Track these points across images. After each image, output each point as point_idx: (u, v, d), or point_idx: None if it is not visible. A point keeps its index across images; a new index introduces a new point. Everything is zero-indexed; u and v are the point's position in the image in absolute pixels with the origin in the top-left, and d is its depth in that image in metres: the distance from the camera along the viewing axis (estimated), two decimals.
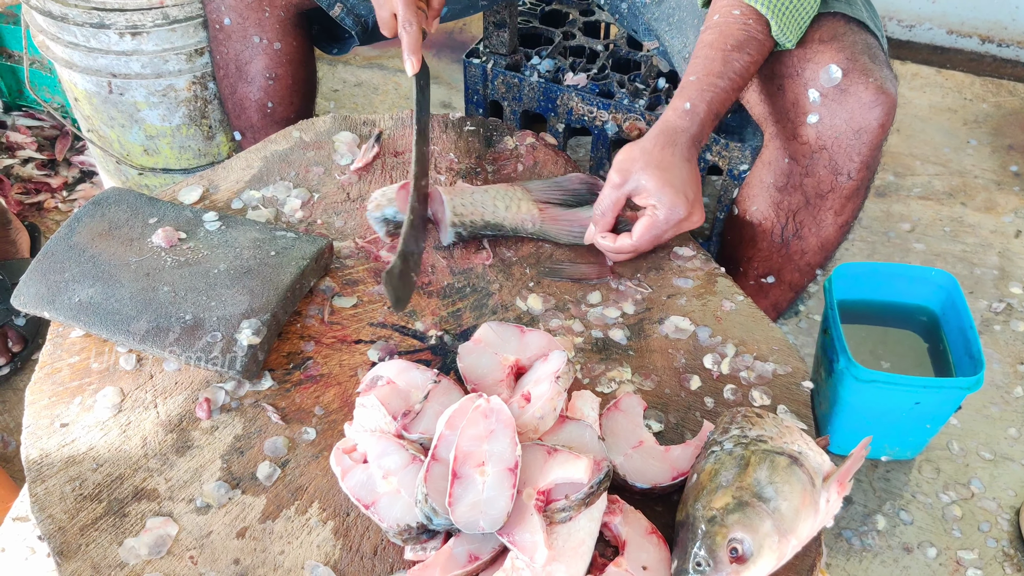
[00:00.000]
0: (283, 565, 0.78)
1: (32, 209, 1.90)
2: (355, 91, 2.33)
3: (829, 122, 1.08)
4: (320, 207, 1.13)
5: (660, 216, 1.01)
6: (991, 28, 2.41)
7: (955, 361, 1.42)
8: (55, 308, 0.94)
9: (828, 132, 1.08)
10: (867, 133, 1.07)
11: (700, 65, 1.05)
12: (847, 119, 1.06)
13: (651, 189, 1.00)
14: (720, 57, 1.04)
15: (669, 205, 1.00)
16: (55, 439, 0.86)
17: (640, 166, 1.00)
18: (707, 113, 1.03)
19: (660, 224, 1.01)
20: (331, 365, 0.95)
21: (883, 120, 1.06)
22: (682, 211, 1.00)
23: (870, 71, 1.06)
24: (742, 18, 1.05)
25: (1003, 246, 1.90)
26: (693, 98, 1.03)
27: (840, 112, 1.07)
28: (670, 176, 1.00)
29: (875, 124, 1.06)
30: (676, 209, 1.00)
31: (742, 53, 1.04)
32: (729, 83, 1.04)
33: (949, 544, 1.38)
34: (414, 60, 1.08)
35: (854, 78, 1.05)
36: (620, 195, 1.02)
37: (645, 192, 1.01)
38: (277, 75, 1.36)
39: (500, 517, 0.71)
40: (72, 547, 0.78)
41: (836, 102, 1.06)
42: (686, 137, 1.02)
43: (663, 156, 1.01)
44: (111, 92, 1.52)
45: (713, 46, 1.05)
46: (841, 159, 1.09)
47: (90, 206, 1.05)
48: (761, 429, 0.78)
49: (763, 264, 1.26)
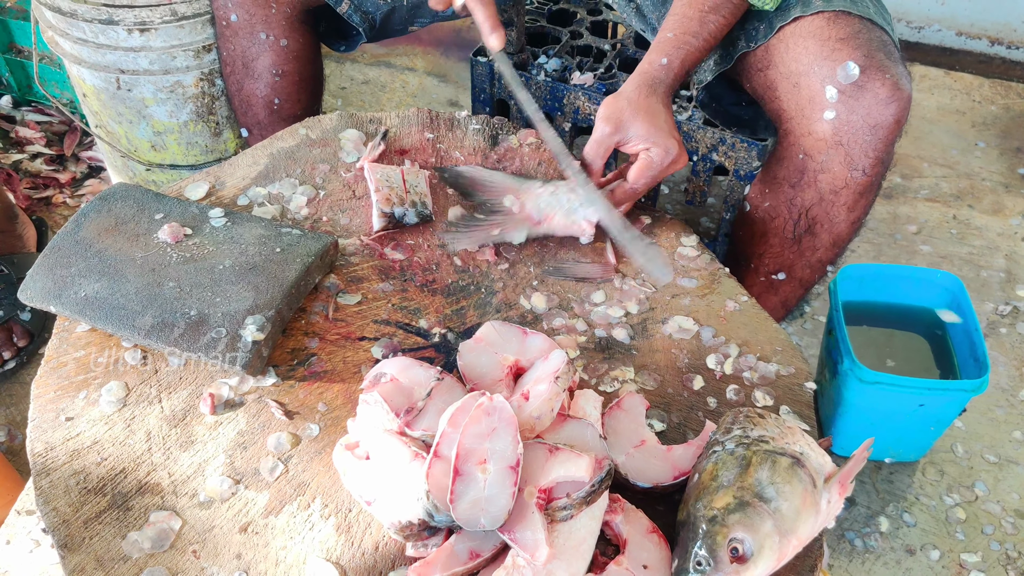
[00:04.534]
0: (285, 560, 0.78)
1: (40, 204, 1.90)
2: (362, 89, 2.33)
3: (846, 118, 1.08)
4: (326, 204, 1.13)
5: (655, 157, 1.05)
6: (1000, 30, 2.41)
7: (960, 364, 1.42)
8: (61, 302, 0.95)
9: (845, 128, 1.09)
10: (883, 129, 1.08)
11: (677, 23, 1.11)
12: (864, 115, 1.07)
13: (643, 134, 1.05)
14: (697, 17, 1.11)
15: (664, 146, 1.05)
16: (60, 433, 0.87)
17: (629, 114, 1.06)
18: (680, 69, 1.11)
19: (656, 164, 1.06)
20: (335, 362, 0.95)
21: (899, 116, 1.08)
22: (675, 151, 1.06)
23: (887, 68, 1.07)
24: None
25: (1010, 249, 1.89)
26: (670, 54, 1.10)
27: (857, 108, 1.07)
28: (659, 120, 1.06)
29: (891, 120, 1.07)
30: (669, 150, 1.05)
31: (717, 15, 1.11)
32: (703, 43, 1.11)
33: (952, 547, 1.38)
34: (500, 33, 1.11)
35: (871, 75, 1.06)
36: (611, 142, 1.07)
37: (636, 138, 1.06)
38: (284, 72, 1.36)
39: (501, 515, 0.72)
40: (76, 540, 0.79)
41: (853, 98, 1.07)
42: (663, 88, 1.09)
43: (648, 103, 1.07)
44: (119, 88, 1.53)
45: (691, 5, 1.12)
46: (856, 155, 1.10)
47: (97, 201, 1.05)
48: (763, 429, 0.78)
49: (774, 260, 1.26)
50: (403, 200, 1.09)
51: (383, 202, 1.08)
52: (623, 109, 1.06)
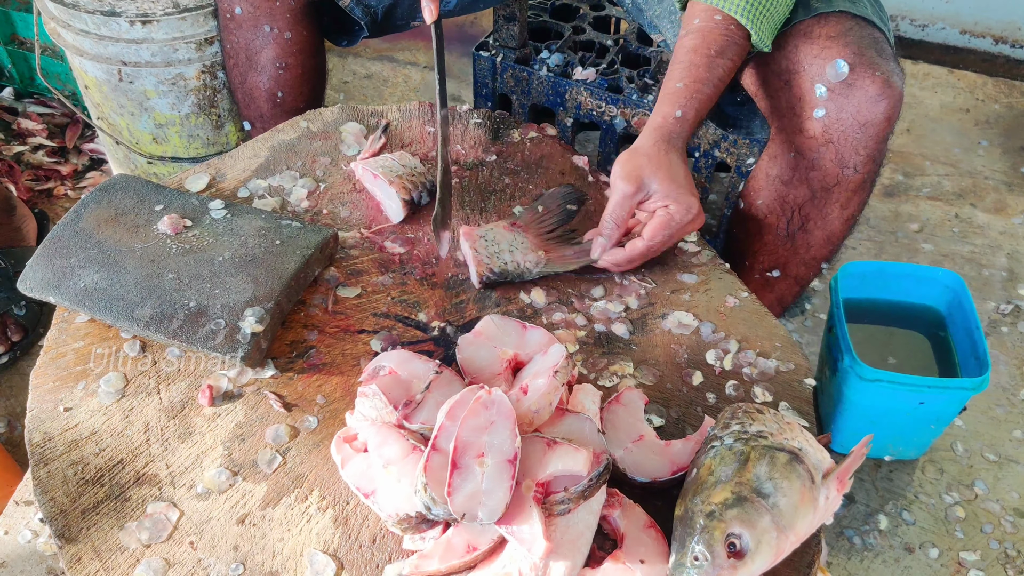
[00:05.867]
0: (282, 552, 0.78)
1: (42, 196, 1.90)
2: (365, 83, 2.33)
3: (836, 116, 1.08)
4: (326, 197, 1.13)
5: (675, 214, 1.00)
6: (1005, 28, 2.40)
7: (961, 362, 1.42)
8: (60, 293, 0.95)
9: (835, 126, 1.09)
10: (873, 127, 1.08)
11: (685, 71, 1.06)
12: (853, 113, 1.07)
13: (663, 191, 1.00)
14: (704, 63, 1.06)
15: (685, 204, 1.00)
16: (58, 423, 0.87)
17: (649, 171, 1.01)
18: (694, 119, 1.06)
19: (675, 222, 1.01)
20: (334, 354, 0.95)
21: (889, 113, 1.07)
22: (695, 209, 1.01)
23: (877, 65, 1.06)
24: (723, 23, 1.07)
25: (1012, 248, 1.89)
26: (683, 105, 1.05)
27: (847, 106, 1.07)
28: (679, 178, 1.01)
29: (881, 117, 1.07)
30: (690, 208, 1.01)
31: (724, 59, 1.06)
32: (713, 89, 1.06)
33: (951, 545, 1.37)
34: (432, 7, 1.08)
35: (861, 72, 1.06)
36: (634, 203, 1.02)
37: (657, 195, 1.01)
38: (287, 64, 1.36)
39: (499, 508, 0.71)
40: (73, 530, 0.79)
41: (843, 96, 1.07)
42: (680, 141, 1.04)
43: (668, 160, 1.02)
44: (121, 80, 1.53)
45: (697, 51, 1.06)
46: (847, 153, 1.10)
47: (97, 192, 1.05)
48: (762, 425, 0.78)
49: (769, 258, 1.26)
50: (415, 184, 1.10)
51: (401, 190, 1.08)
52: (643, 167, 1.01)
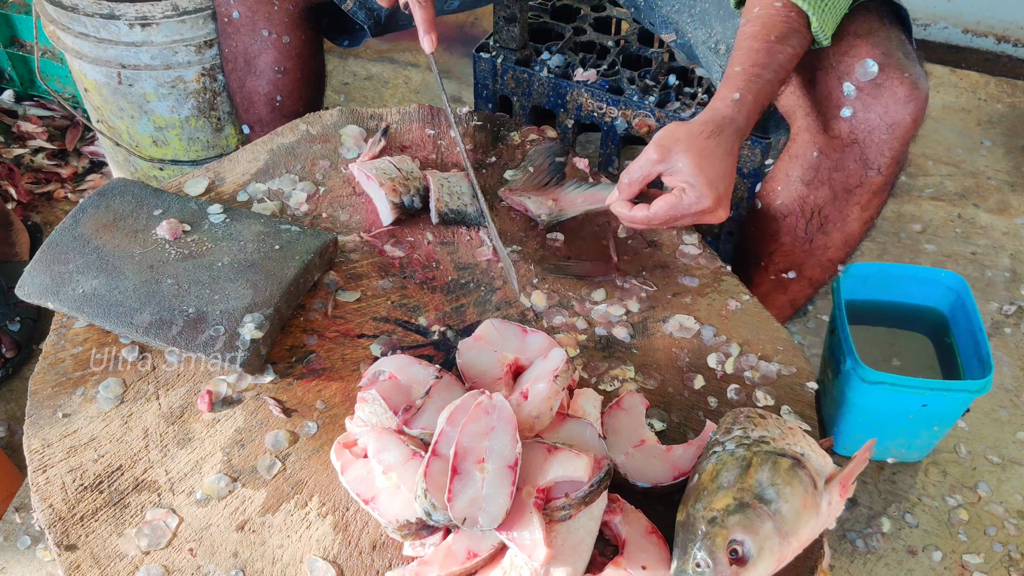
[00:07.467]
0: (282, 559, 0.78)
1: (42, 199, 1.90)
2: (365, 84, 2.33)
3: (863, 116, 1.07)
4: (326, 201, 1.13)
5: (685, 200, 0.97)
6: (1007, 28, 2.39)
7: (964, 364, 1.41)
8: (59, 299, 0.94)
9: (861, 126, 1.08)
10: (900, 128, 1.07)
11: (744, 56, 1.02)
12: (881, 113, 1.06)
13: (685, 172, 0.96)
14: (764, 49, 1.01)
15: (698, 193, 0.96)
16: (57, 429, 0.87)
17: (682, 148, 0.97)
18: (753, 104, 1.01)
19: (682, 207, 0.97)
20: (333, 359, 0.95)
21: (916, 116, 1.06)
22: (708, 203, 0.97)
23: (905, 67, 1.06)
24: (784, 10, 1.02)
25: (1015, 248, 1.88)
26: (741, 88, 1.00)
27: (875, 106, 1.06)
28: (708, 165, 0.97)
29: (908, 119, 1.06)
30: (703, 199, 0.96)
31: (785, 45, 1.02)
32: (774, 75, 1.01)
33: (955, 548, 1.37)
34: (432, 37, 1.08)
35: (890, 73, 1.05)
36: (654, 171, 0.99)
37: (679, 174, 0.97)
38: (286, 69, 1.36)
39: (499, 514, 0.71)
40: (72, 537, 0.78)
41: (871, 96, 1.06)
42: (733, 128, 0.99)
43: (707, 144, 0.97)
44: (120, 83, 1.53)
45: (757, 37, 1.02)
46: (872, 154, 1.09)
47: (95, 196, 1.05)
48: (764, 430, 0.78)
49: (785, 259, 1.25)
50: (407, 188, 1.09)
51: (391, 193, 1.08)
52: (678, 141, 0.97)
